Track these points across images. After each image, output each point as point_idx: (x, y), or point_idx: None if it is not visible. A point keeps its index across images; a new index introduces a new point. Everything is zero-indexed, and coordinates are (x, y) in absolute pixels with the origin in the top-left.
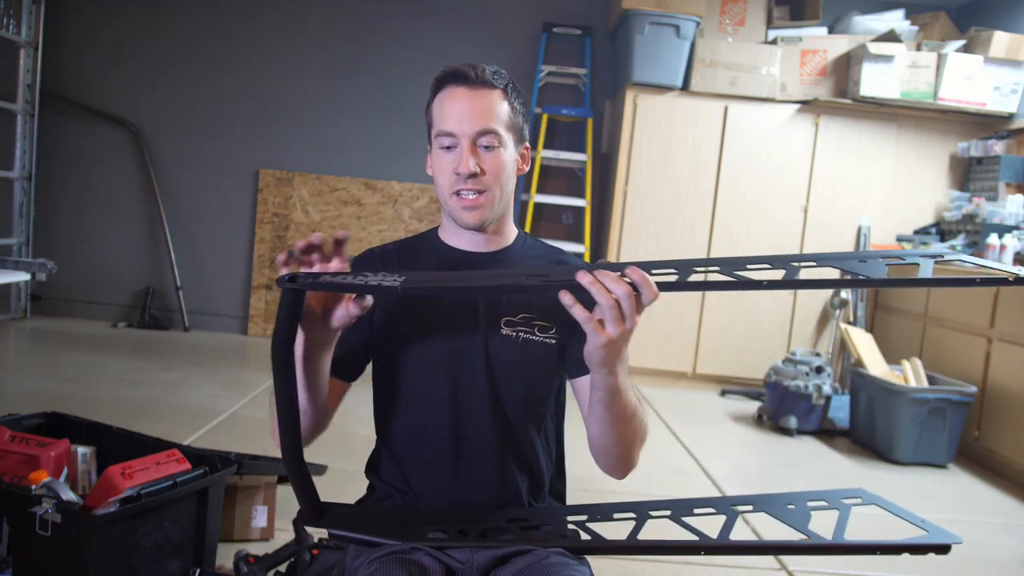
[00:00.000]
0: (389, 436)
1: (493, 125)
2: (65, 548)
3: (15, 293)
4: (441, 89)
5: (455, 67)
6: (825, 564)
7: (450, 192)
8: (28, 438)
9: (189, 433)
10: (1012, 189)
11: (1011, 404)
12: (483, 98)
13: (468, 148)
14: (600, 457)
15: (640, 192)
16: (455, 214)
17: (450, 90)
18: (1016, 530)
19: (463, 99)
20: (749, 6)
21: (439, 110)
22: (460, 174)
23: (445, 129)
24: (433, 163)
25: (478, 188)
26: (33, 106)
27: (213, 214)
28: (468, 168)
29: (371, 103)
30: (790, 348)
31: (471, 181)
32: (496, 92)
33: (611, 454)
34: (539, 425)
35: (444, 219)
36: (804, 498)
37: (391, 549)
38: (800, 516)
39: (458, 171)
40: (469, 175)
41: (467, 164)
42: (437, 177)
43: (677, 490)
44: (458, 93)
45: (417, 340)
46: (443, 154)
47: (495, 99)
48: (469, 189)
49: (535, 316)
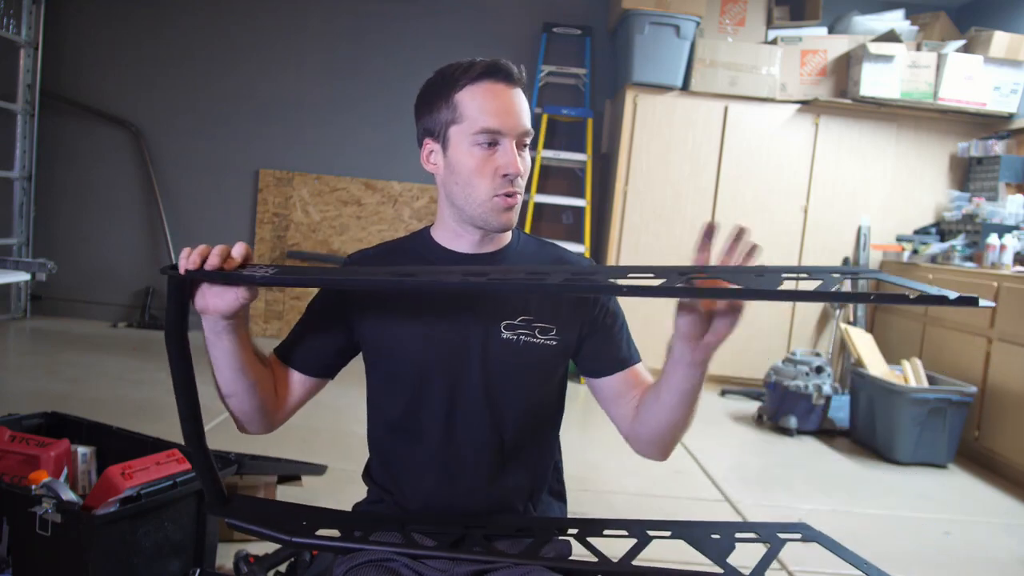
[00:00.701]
0: (381, 440)
1: (530, 126)
2: (65, 548)
3: (15, 293)
4: (477, 82)
5: (497, 61)
6: (826, 564)
7: (491, 193)
8: (28, 438)
9: None
10: (1012, 189)
11: (1011, 404)
12: (522, 97)
13: (515, 148)
14: (654, 446)
15: (640, 192)
16: (491, 216)
17: (490, 84)
18: (1016, 530)
19: (508, 96)
20: (749, 6)
21: (477, 104)
22: (509, 175)
23: (491, 127)
24: (459, 161)
25: (519, 190)
26: (33, 106)
27: (213, 214)
28: (518, 169)
29: (371, 103)
30: (790, 348)
31: (516, 182)
32: (523, 91)
33: (671, 439)
34: (540, 428)
35: (448, 219)
36: (734, 528)
37: (370, 557)
38: (722, 547)
39: (507, 172)
40: (517, 175)
41: (517, 165)
42: (470, 177)
43: (677, 490)
44: (500, 89)
45: (411, 344)
46: (479, 151)
47: (526, 100)
48: (513, 192)
49: (535, 318)
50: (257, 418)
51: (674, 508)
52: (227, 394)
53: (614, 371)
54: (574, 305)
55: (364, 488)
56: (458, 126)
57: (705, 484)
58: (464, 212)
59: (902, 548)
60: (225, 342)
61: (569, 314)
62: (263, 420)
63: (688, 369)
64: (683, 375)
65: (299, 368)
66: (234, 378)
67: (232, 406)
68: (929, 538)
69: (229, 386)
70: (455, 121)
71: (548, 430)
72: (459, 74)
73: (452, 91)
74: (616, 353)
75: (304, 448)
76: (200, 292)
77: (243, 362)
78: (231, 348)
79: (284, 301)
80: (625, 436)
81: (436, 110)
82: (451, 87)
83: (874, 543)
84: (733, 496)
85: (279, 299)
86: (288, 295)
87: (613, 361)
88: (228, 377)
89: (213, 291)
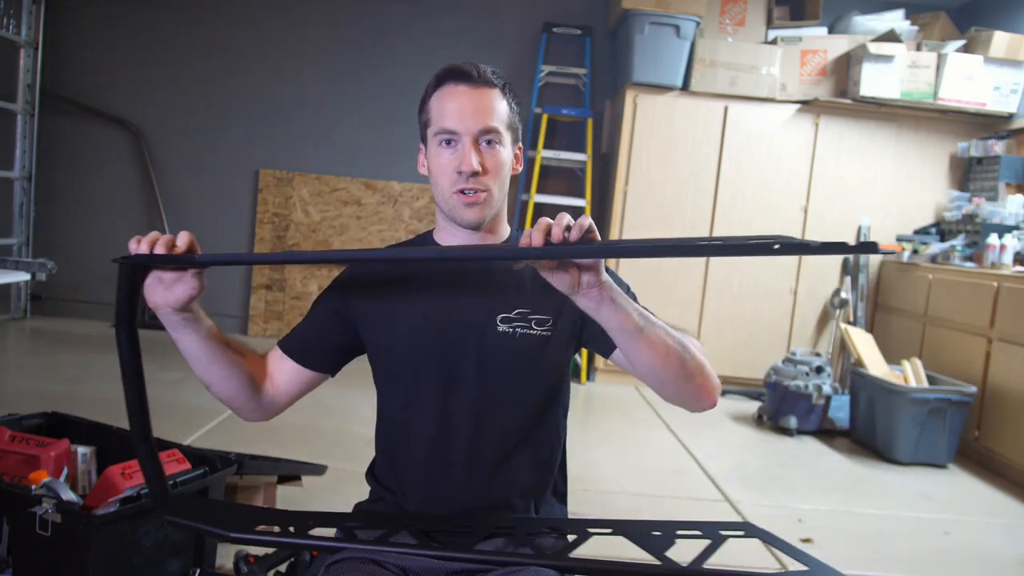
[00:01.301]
0: (382, 438)
1: (494, 123)
2: (65, 548)
3: (15, 293)
4: (440, 86)
5: (455, 65)
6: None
7: (451, 190)
8: (28, 438)
9: (189, 433)
10: (1012, 189)
11: (1011, 404)
12: (484, 96)
13: (471, 146)
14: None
15: (640, 192)
16: (455, 212)
17: (450, 88)
18: (1016, 530)
19: (465, 96)
20: (749, 6)
21: (439, 107)
22: (463, 172)
23: (447, 127)
24: (430, 162)
25: (479, 187)
26: (33, 106)
27: (213, 214)
28: (472, 166)
29: (371, 103)
30: (790, 348)
31: (473, 180)
32: (495, 91)
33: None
34: (539, 424)
35: (440, 219)
36: (675, 526)
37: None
38: (662, 542)
39: (461, 169)
40: (472, 173)
41: (470, 162)
42: (436, 176)
43: (677, 490)
44: (459, 91)
45: (408, 340)
46: (442, 151)
47: (495, 97)
48: (471, 188)
49: (531, 310)
50: (243, 405)
51: (674, 508)
52: (205, 383)
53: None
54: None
55: (365, 488)
56: (429, 129)
57: (705, 484)
58: (442, 209)
59: (902, 548)
60: (186, 336)
61: (565, 301)
62: (250, 406)
63: (599, 314)
64: (604, 319)
65: (295, 359)
66: (204, 369)
67: (215, 393)
68: (929, 538)
69: (203, 376)
70: (428, 124)
71: (548, 426)
72: (431, 82)
73: (428, 98)
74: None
75: (304, 448)
76: (151, 288)
77: (209, 353)
78: (193, 342)
79: (284, 301)
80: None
81: (420, 117)
82: (427, 93)
83: (874, 543)
84: (733, 496)
85: (279, 299)
86: (288, 295)
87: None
88: (199, 369)
89: (162, 286)
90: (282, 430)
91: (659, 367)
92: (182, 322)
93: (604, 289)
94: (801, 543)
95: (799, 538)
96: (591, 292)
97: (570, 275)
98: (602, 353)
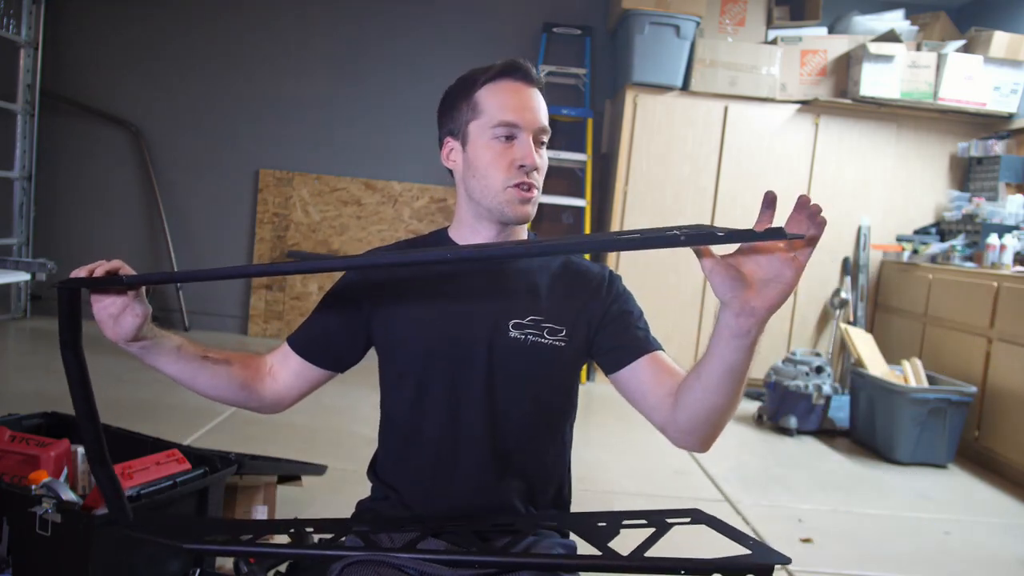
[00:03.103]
0: (387, 438)
1: (547, 124)
2: (65, 548)
3: (15, 293)
4: (496, 80)
5: (516, 61)
6: (827, 564)
7: (506, 184)
8: (28, 438)
9: (189, 433)
10: (1012, 189)
11: (1011, 404)
12: (540, 97)
13: (531, 142)
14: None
15: (640, 192)
16: (507, 207)
17: (509, 83)
18: (1016, 530)
19: (525, 93)
20: (749, 6)
21: (498, 101)
22: (524, 166)
23: (508, 120)
24: (478, 154)
25: (534, 183)
26: (33, 106)
27: (213, 214)
28: (534, 161)
29: (371, 103)
30: (790, 348)
31: (532, 175)
32: (540, 93)
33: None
34: (544, 432)
35: (467, 215)
36: (621, 516)
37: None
38: (606, 533)
39: (524, 163)
40: (533, 168)
41: (533, 157)
42: (486, 169)
43: (677, 490)
44: (519, 87)
45: (419, 340)
46: (496, 144)
47: (543, 99)
48: (529, 183)
49: (544, 319)
50: (244, 405)
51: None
52: (198, 394)
53: (634, 358)
54: (585, 302)
55: (365, 487)
56: (477, 121)
57: (705, 484)
58: (481, 205)
59: (902, 548)
60: (157, 361)
61: (580, 312)
62: (252, 405)
63: (733, 340)
64: (728, 346)
65: (303, 355)
66: (190, 385)
67: (212, 400)
68: (929, 538)
69: (192, 390)
70: (475, 118)
71: (554, 435)
72: (479, 75)
73: (473, 91)
74: (633, 340)
75: (304, 448)
76: (104, 325)
77: (187, 370)
78: (166, 363)
79: (284, 301)
80: (661, 427)
81: (457, 111)
82: (472, 87)
83: (874, 543)
84: (733, 496)
85: (279, 299)
86: (288, 295)
87: (631, 348)
88: (185, 386)
89: (112, 321)
90: (282, 430)
91: (723, 409)
92: (143, 350)
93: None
94: (801, 543)
95: (799, 538)
96: (756, 313)
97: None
98: (612, 368)
